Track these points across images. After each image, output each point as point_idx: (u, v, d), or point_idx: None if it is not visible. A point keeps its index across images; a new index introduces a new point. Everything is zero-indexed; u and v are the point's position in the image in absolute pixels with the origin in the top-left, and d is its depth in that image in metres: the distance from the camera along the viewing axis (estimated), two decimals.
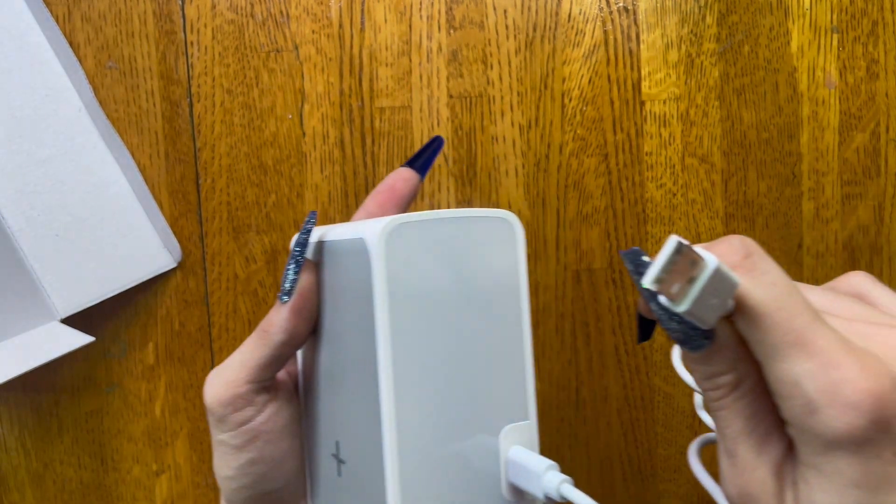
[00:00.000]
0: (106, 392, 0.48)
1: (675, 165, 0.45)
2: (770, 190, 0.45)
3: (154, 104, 0.47)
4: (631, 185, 0.45)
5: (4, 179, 0.44)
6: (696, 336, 0.21)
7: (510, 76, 0.45)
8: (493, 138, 0.45)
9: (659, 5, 0.44)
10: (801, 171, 0.45)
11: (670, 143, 0.45)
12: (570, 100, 0.45)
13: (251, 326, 0.47)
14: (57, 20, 0.46)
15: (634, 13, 0.45)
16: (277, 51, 0.46)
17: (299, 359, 0.32)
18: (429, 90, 0.46)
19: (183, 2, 0.46)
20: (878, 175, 0.44)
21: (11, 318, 0.45)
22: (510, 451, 0.26)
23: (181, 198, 0.47)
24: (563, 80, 0.45)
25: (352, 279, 0.26)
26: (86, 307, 0.45)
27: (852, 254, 0.45)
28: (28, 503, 0.49)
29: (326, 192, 0.46)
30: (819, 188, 0.45)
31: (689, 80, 0.45)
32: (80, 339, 0.43)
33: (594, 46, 0.45)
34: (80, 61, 0.46)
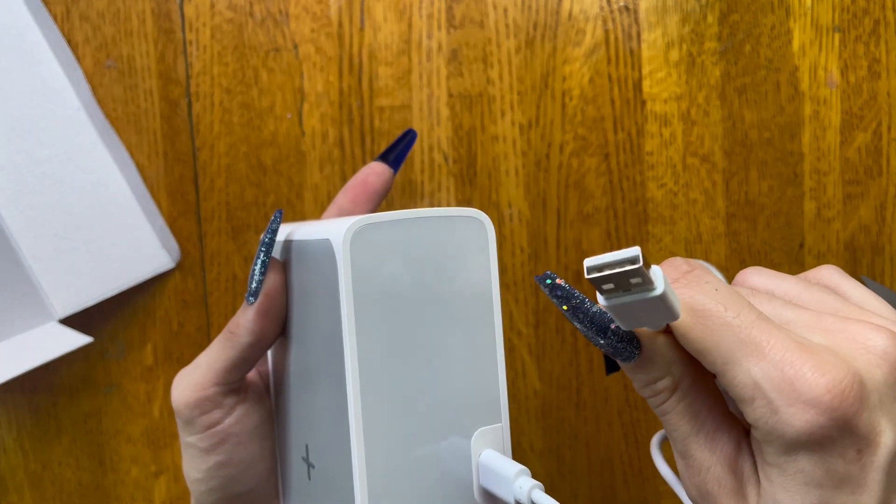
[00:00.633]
0: (104, 393, 0.48)
1: (676, 165, 0.45)
2: (771, 189, 0.45)
3: (153, 103, 0.46)
4: (632, 185, 0.45)
5: (3, 179, 0.43)
6: (625, 348, 0.22)
7: (510, 75, 0.45)
8: (493, 138, 0.45)
9: (660, 4, 0.44)
10: (802, 170, 0.45)
11: (671, 143, 0.45)
12: (571, 99, 0.45)
13: None
14: (55, 19, 0.46)
15: (635, 12, 0.44)
16: (276, 50, 0.46)
17: (270, 359, 0.31)
18: (429, 89, 0.45)
19: (181, 1, 0.46)
20: (879, 175, 0.44)
21: (9, 319, 0.45)
22: (482, 454, 0.26)
23: (180, 198, 0.47)
24: (564, 79, 0.45)
25: (319, 280, 0.25)
26: (84, 307, 0.45)
27: (854, 254, 0.45)
28: None
29: (326, 191, 0.46)
30: (821, 188, 0.45)
31: (690, 80, 0.44)
32: (78, 339, 0.43)
33: (595, 45, 0.45)
34: (78, 60, 0.46)
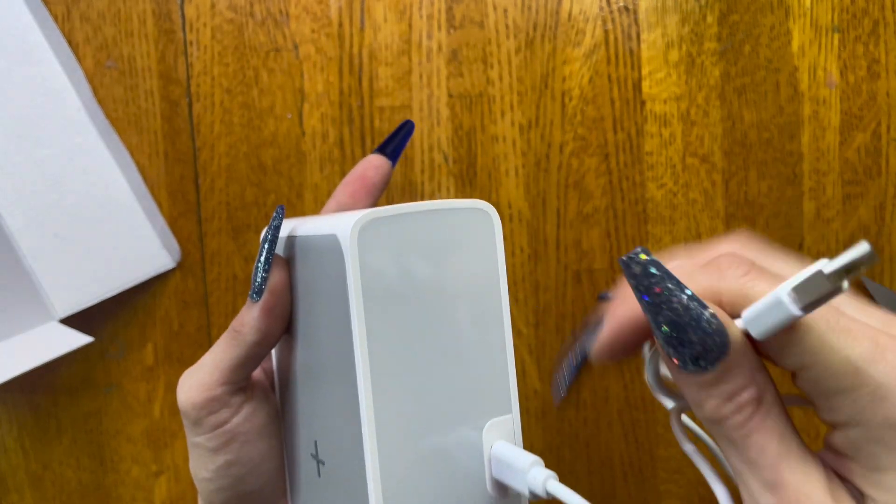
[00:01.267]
0: (105, 393, 0.48)
1: (675, 165, 0.45)
2: (771, 190, 0.45)
3: (153, 104, 0.46)
4: (632, 185, 0.45)
5: (4, 179, 0.43)
6: (715, 346, 0.19)
7: (510, 75, 0.45)
8: (493, 138, 0.45)
9: (659, 4, 0.44)
10: (802, 170, 0.45)
11: (671, 143, 0.45)
12: (571, 99, 0.45)
13: None
14: (56, 20, 0.46)
15: (635, 12, 0.44)
16: (277, 50, 0.46)
17: (274, 357, 0.31)
18: (429, 89, 0.45)
19: (182, 1, 0.46)
20: (878, 175, 0.44)
21: (10, 318, 0.45)
22: (494, 446, 0.25)
23: (180, 198, 0.47)
24: (564, 79, 0.45)
25: (325, 275, 0.25)
26: (85, 307, 0.45)
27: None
28: None
29: (326, 191, 0.46)
30: (820, 188, 0.45)
31: (689, 80, 0.45)
32: (78, 339, 0.43)
33: (595, 46, 0.45)
34: (79, 61, 0.46)
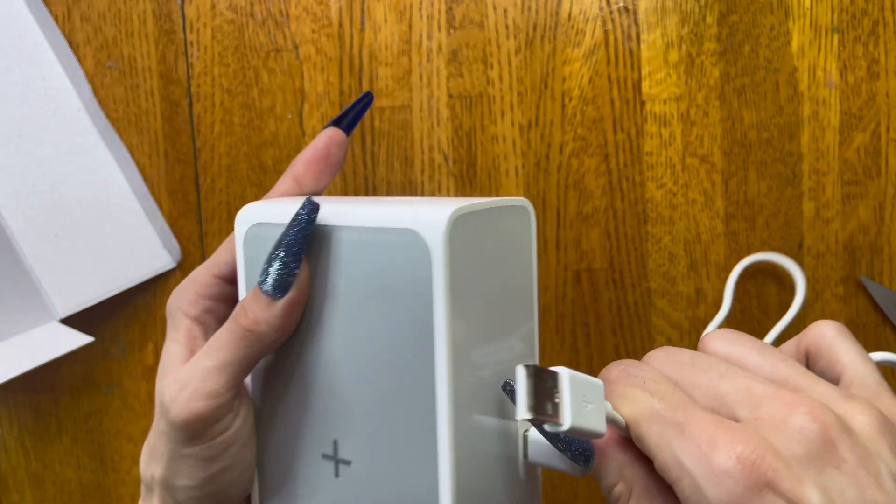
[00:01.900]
0: (105, 393, 0.48)
1: (675, 165, 0.45)
2: (770, 190, 0.45)
3: (153, 104, 0.47)
4: (631, 185, 0.45)
5: (3, 179, 0.43)
6: (580, 454, 0.23)
7: (510, 76, 0.45)
8: (493, 138, 0.45)
9: (659, 5, 0.44)
10: (801, 170, 0.45)
11: (671, 143, 0.45)
12: (571, 99, 0.45)
13: None
14: (56, 20, 0.46)
15: (635, 13, 0.44)
16: (277, 50, 0.46)
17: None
18: (429, 90, 0.46)
19: (182, 1, 0.46)
20: (878, 175, 0.44)
21: (10, 318, 0.45)
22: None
23: (181, 198, 0.47)
24: (564, 79, 0.45)
25: (391, 270, 0.25)
26: (85, 307, 0.45)
27: (853, 254, 0.45)
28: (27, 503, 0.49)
29: (326, 191, 0.46)
30: (819, 188, 0.45)
31: (689, 80, 0.45)
32: (79, 339, 0.43)
33: (594, 46, 0.45)
34: (79, 61, 0.46)
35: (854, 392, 0.23)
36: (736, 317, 0.45)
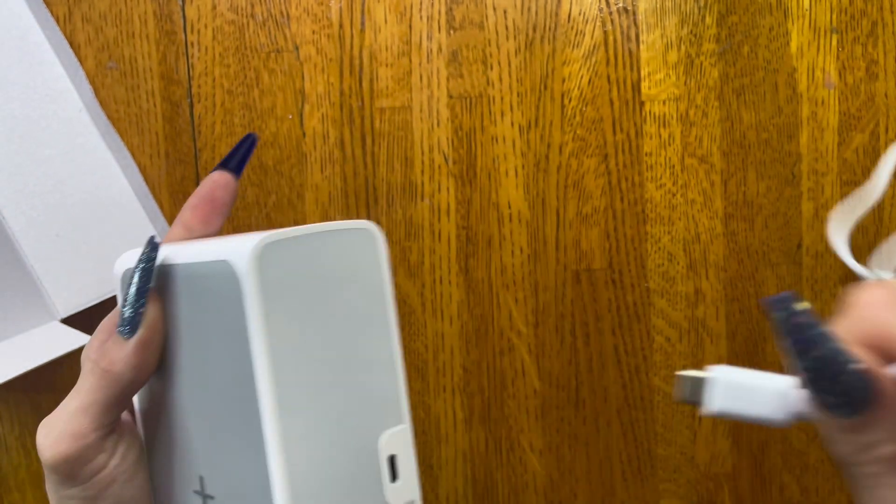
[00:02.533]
0: None
1: (674, 166, 0.45)
2: (769, 190, 0.45)
3: (154, 104, 0.47)
4: (630, 186, 0.45)
5: (4, 179, 0.44)
6: (858, 397, 0.18)
7: (510, 76, 0.45)
8: (493, 138, 0.46)
9: (658, 6, 0.45)
10: (800, 171, 0.45)
11: (670, 144, 0.45)
12: (570, 100, 0.45)
13: None
14: (57, 20, 0.46)
15: (634, 14, 0.45)
16: (278, 51, 0.46)
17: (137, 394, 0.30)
18: (429, 90, 0.46)
19: (183, 2, 0.46)
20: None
21: (11, 318, 0.45)
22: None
23: (181, 198, 0.47)
24: (563, 80, 0.45)
25: (213, 304, 0.25)
26: (85, 307, 0.45)
27: (852, 254, 0.45)
28: (28, 503, 0.49)
29: (326, 192, 0.46)
30: (818, 188, 0.45)
31: (688, 81, 0.45)
32: (80, 339, 0.43)
33: (594, 47, 0.45)
34: (80, 62, 0.47)
35: None
36: (735, 317, 0.45)
